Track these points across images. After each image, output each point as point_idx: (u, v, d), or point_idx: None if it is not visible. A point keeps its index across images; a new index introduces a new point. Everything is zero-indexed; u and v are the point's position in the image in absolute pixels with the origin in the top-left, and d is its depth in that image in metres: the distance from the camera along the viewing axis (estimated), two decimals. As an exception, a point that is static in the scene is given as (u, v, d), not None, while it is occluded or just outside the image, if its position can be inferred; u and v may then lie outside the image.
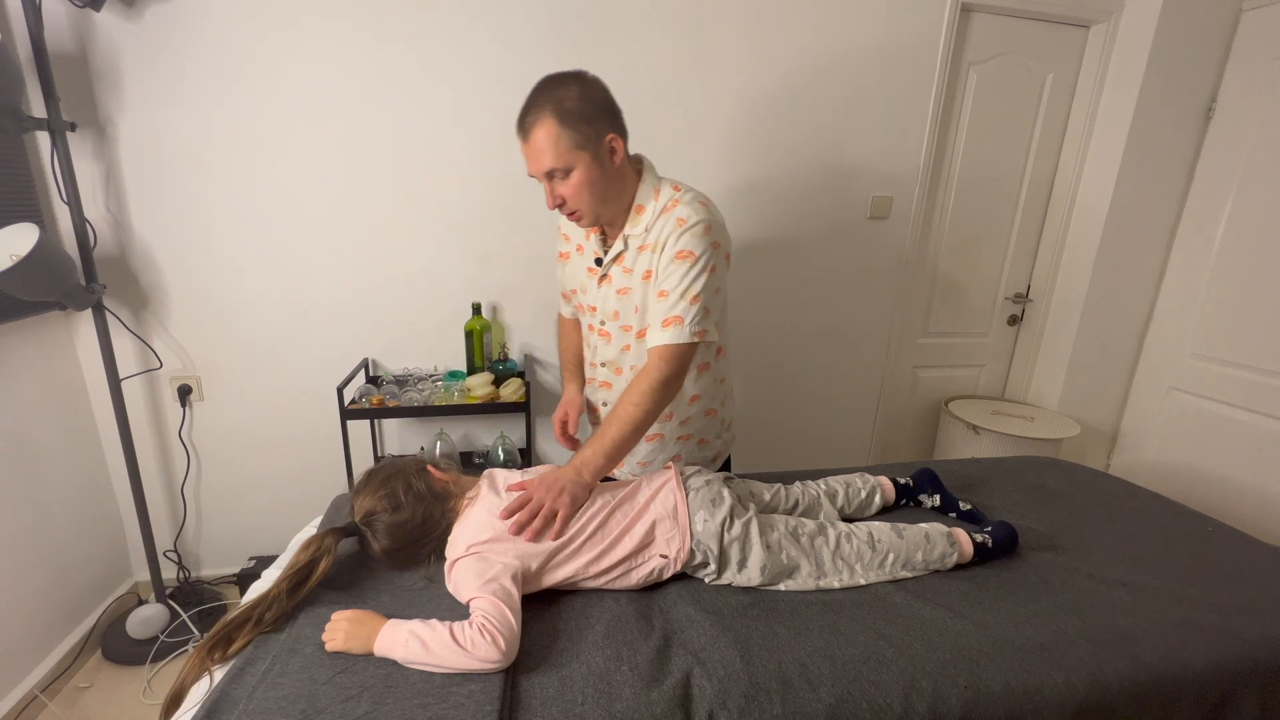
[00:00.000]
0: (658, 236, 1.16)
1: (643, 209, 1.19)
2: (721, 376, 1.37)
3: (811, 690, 0.88)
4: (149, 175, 1.81)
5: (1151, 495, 1.57)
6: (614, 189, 1.16)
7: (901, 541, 1.16)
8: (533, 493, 1.07)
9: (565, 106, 1.07)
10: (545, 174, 1.11)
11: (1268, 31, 2.17)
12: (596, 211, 1.16)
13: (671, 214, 1.15)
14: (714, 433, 1.41)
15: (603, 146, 1.11)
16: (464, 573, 0.98)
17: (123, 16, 1.69)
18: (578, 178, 1.10)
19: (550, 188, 1.13)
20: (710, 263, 1.14)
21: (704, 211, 1.15)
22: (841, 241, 2.32)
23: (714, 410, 1.38)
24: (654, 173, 1.22)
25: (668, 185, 1.20)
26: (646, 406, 1.14)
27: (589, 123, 1.08)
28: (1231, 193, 2.29)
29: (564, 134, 1.07)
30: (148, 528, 1.91)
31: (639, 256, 1.20)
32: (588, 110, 1.08)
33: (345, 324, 2.04)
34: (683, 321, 1.14)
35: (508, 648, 0.87)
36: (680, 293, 1.14)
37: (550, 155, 1.08)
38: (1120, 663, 0.96)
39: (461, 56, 1.88)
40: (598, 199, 1.14)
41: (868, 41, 2.12)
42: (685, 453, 1.39)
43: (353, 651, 0.90)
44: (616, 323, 1.28)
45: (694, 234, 1.13)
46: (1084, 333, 2.54)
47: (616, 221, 1.22)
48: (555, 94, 1.08)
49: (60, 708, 1.68)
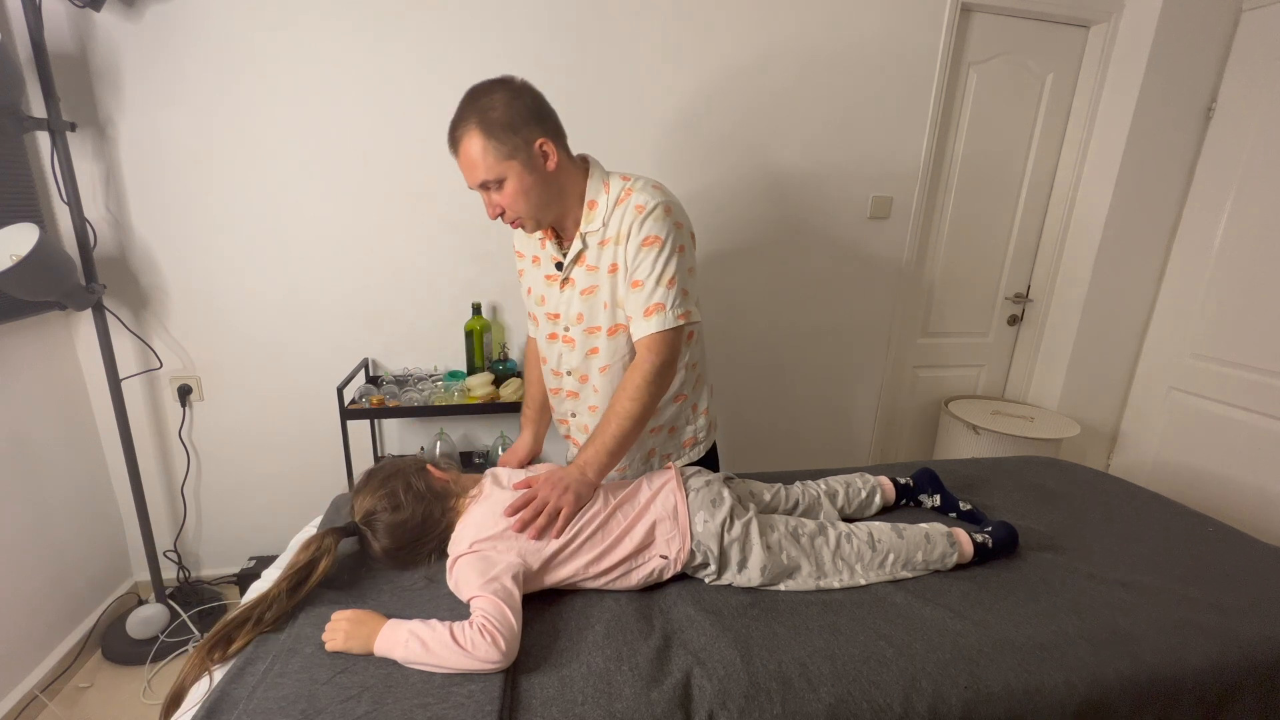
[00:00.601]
0: (617, 228, 1.15)
1: (595, 204, 1.17)
2: (693, 361, 1.34)
3: (811, 690, 0.88)
4: (149, 175, 1.81)
5: (1151, 495, 1.57)
6: (552, 192, 1.14)
7: (902, 542, 1.16)
8: (537, 490, 1.08)
9: (490, 117, 1.05)
10: (480, 186, 1.10)
11: (1268, 31, 2.17)
12: (537, 217, 1.15)
13: (628, 203, 1.14)
14: (684, 419, 1.37)
15: (534, 153, 1.09)
16: (465, 571, 0.98)
17: (123, 16, 1.69)
18: (511, 187, 1.09)
19: (488, 199, 1.12)
20: (678, 243, 1.14)
21: (659, 194, 1.14)
22: (841, 241, 2.32)
23: (684, 395, 1.34)
24: (600, 168, 1.20)
25: (616, 177, 1.19)
26: (643, 399, 1.14)
27: (515, 131, 1.06)
28: (1231, 193, 2.29)
29: (490, 145, 1.06)
30: (148, 528, 1.91)
31: (601, 251, 1.18)
32: (513, 118, 1.06)
33: (345, 324, 2.04)
34: (664, 307, 1.13)
35: (508, 648, 0.87)
36: (655, 279, 1.13)
37: (481, 168, 1.07)
38: (1120, 663, 0.96)
39: (461, 56, 1.88)
40: (536, 205, 1.13)
41: (868, 41, 2.12)
42: (658, 445, 1.35)
43: (353, 651, 0.90)
44: (580, 326, 1.25)
45: (655, 218, 1.12)
46: (1084, 333, 2.54)
47: (568, 221, 1.20)
48: (478, 104, 1.06)
49: (60, 708, 1.68)
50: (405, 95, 1.89)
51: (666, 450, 1.37)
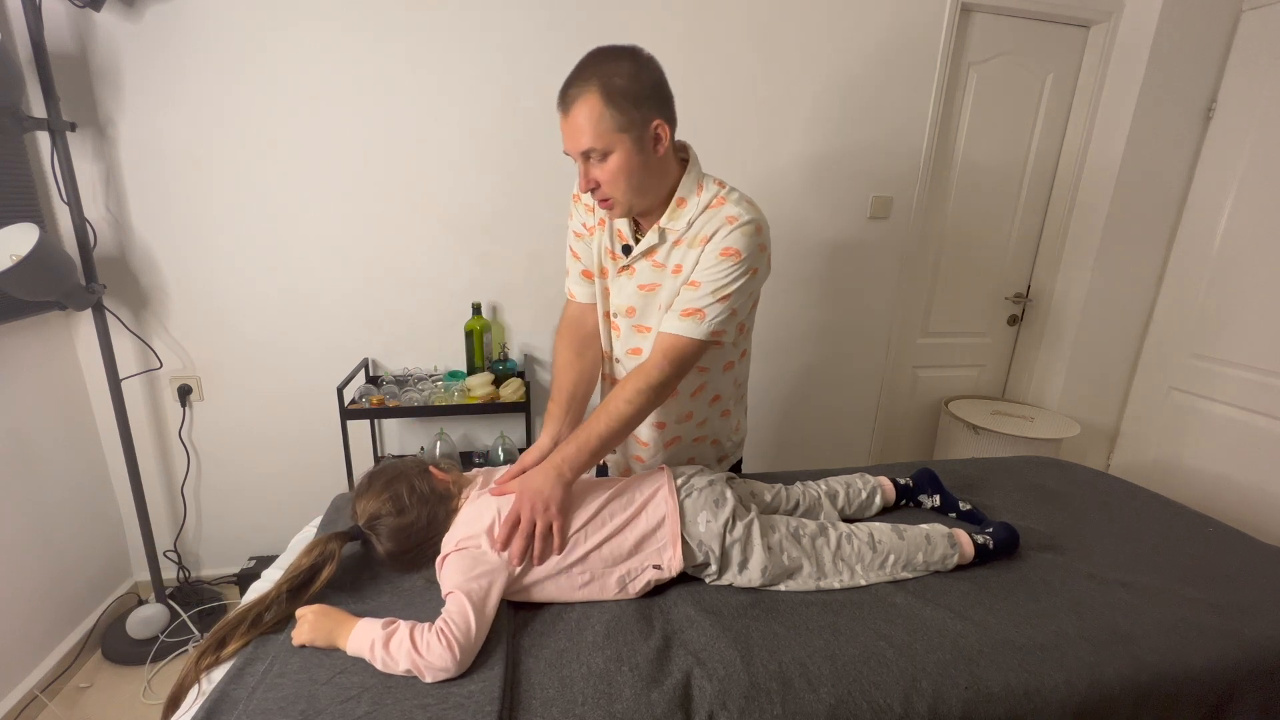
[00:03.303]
0: (699, 231, 1.08)
1: (684, 202, 1.10)
2: (740, 379, 1.33)
3: (812, 690, 0.88)
4: (149, 175, 1.81)
5: (1151, 495, 1.57)
6: (653, 180, 1.07)
7: (902, 542, 1.15)
8: (519, 511, 1.02)
9: (613, 84, 0.98)
10: (582, 154, 1.03)
11: (1268, 31, 2.17)
12: (631, 201, 1.07)
13: (719, 210, 1.08)
14: (726, 434, 1.36)
15: (648, 132, 1.02)
16: (450, 568, 0.98)
17: (123, 16, 1.69)
18: (616, 162, 1.02)
19: (585, 169, 1.04)
20: (753, 265, 1.08)
21: (754, 211, 1.09)
22: (841, 241, 2.32)
23: (729, 412, 1.34)
24: (699, 166, 1.14)
25: (712, 181, 1.12)
26: (639, 404, 1.09)
27: (636, 105, 0.99)
28: (1231, 193, 2.29)
29: (608, 113, 0.98)
30: (148, 528, 1.91)
31: (673, 251, 1.12)
32: (637, 90, 0.99)
33: (345, 324, 2.04)
34: (704, 317, 1.07)
35: (462, 656, 0.86)
36: (714, 289, 1.06)
37: (590, 134, 0.99)
38: (1120, 663, 0.96)
39: (461, 57, 1.88)
40: (634, 188, 1.05)
41: (868, 41, 2.12)
42: (699, 455, 1.34)
43: (317, 644, 0.91)
44: (630, 320, 1.20)
45: (744, 233, 1.06)
46: (1084, 333, 2.54)
47: (651, 213, 1.13)
48: (604, 69, 0.99)
49: (60, 708, 1.68)
50: (405, 95, 1.89)
51: (705, 460, 1.35)
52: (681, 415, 1.27)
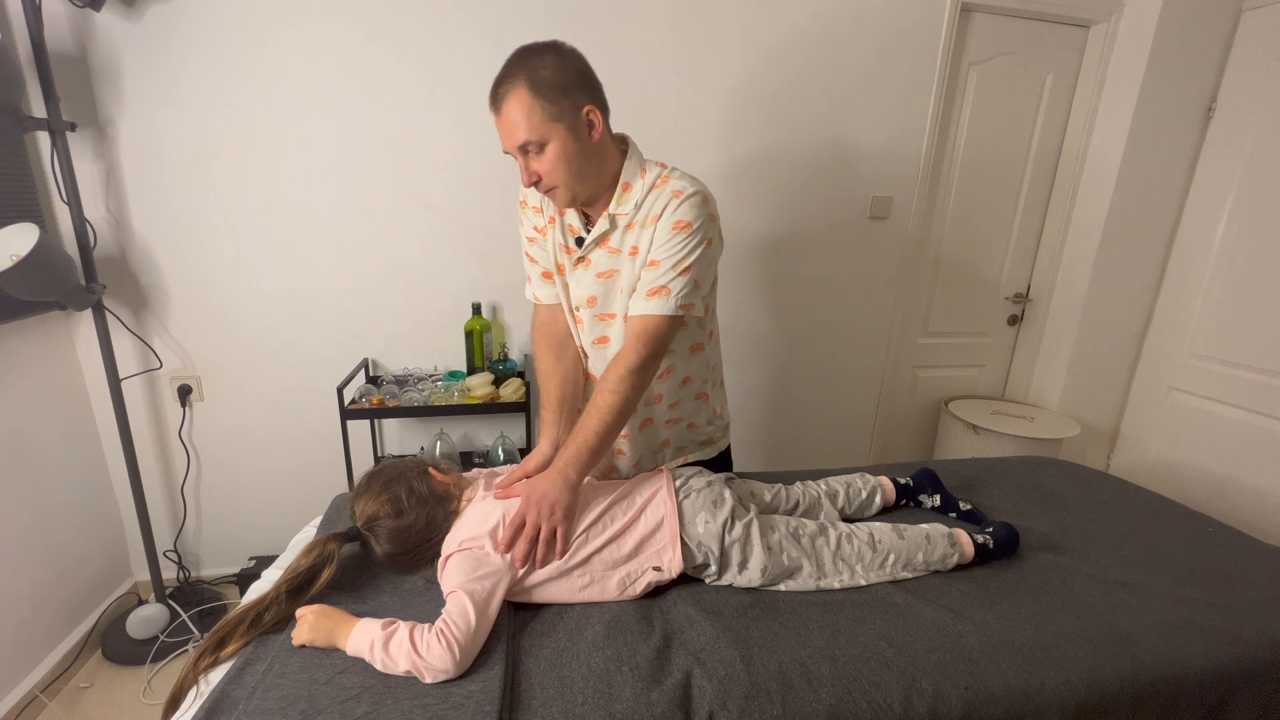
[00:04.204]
0: (648, 211, 1.11)
1: (630, 186, 1.13)
2: (713, 362, 1.33)
3: (812, 690, 0.88)
4: (149, 175, 1.81)
5: (1151, 495, 1.57)
6: (593, 165, 1.09)
7: (902, 542, 1.16)
8: (524, 514, 1.03)
9: (540, 76, 1.01)
10: (519, 148, 1.05)
11: (1268, 31, 2.17)
12: (574, 188, 1.09)
13: (664, 188, 1.10)
14: (704, 418, 1.36)
15: (580, 119, 1.04)
16: (452, 568, 0.98)
17: (123, 16, 1.69)
18: (553, 151, 1.04)
19: (525, 163, 1.07)
20: (706, 235, 1.10)
21: (698, 184, 1.11)
22: (841, 241, 2.32)
23: (704, 395, 1.33)
24: (639, 151, 1.16)
25: (654, 164, 1.15)
26: (625, 392, 1.10)
27: (565, 94, 1.02)
28: (1231, 193, 2.29)
29: (538, 105, 1.01)
30: (148, 528, 1.91)
31: (626, 235, 1.14)
32: (564, 80, 1.02)
33: (345, 324, 2.04)
34: (670, 293, 1.09)
35: (462, 658, 0.86)
36: (672, 263, 1.09)
37: (524, 127, 1.02)
38: (1120, 663, 0.96)
39: (461, 56, 1.88)
40: (575, 175, 1.07)
41: (868, 41, 2.12)
42: (674, 436, 1.34)
43: (317, 645, 0.91)
44: (592, 310, 1.21)
45: (692, 204, 1.08)
46: (1084, 333, 2.54)
47: (598, 201, 1.15)
48: (529, 63, 1.02)
49: (60, 708, 1.68)
50: (405, 94, 1.88)
51: (682, 444, 1.35)
52: (650, 398, 1.27)
